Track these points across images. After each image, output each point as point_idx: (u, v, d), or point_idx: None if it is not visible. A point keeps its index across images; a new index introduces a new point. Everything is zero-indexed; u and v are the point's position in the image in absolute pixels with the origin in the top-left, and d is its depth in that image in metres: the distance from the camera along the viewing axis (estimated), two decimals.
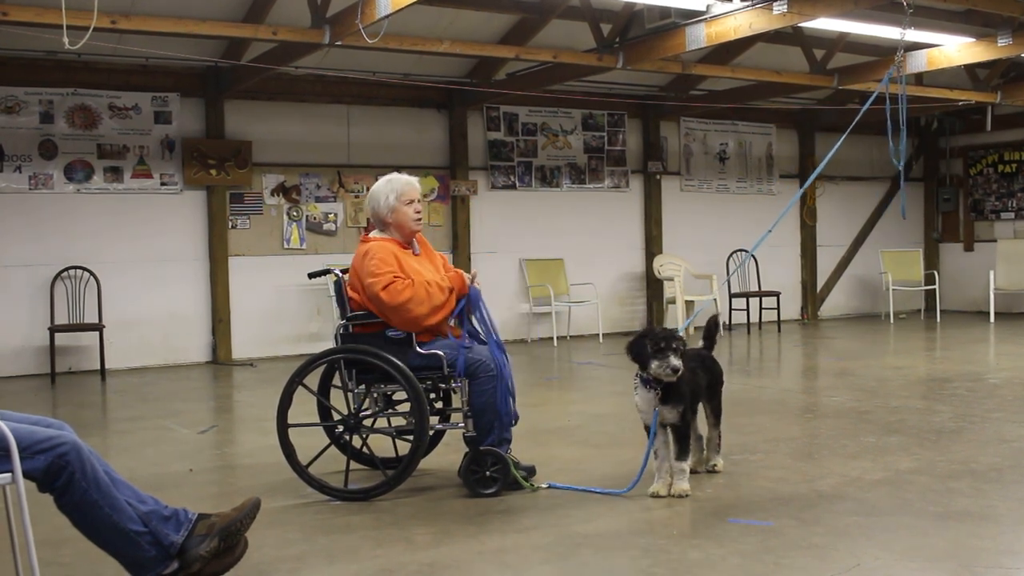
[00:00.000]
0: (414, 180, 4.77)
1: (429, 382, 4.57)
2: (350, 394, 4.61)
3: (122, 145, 9.77)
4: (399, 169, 11.08)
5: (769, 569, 3.41)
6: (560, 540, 3.80)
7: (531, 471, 4.70)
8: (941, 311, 13.76)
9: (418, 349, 4.51)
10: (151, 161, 9.89)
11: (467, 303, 4.65)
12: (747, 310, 12.45)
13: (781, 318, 12.62)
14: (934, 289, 13.71)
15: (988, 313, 13.11)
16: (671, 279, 12.15)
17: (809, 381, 8.73)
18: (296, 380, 4.58)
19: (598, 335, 11.79)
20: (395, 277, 4.48)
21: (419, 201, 4.74)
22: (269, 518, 4.12)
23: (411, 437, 4.55)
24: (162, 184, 9.95)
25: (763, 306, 12.54)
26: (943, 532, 3.81)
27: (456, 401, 4.67)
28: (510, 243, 11.80)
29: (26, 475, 2.89)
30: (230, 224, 10.25)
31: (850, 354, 10.04)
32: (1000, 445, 5.33)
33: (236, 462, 5.49)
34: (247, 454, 5.72)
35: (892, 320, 13.50)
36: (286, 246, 10.53)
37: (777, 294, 12.52)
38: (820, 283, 14.25)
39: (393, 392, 4.72)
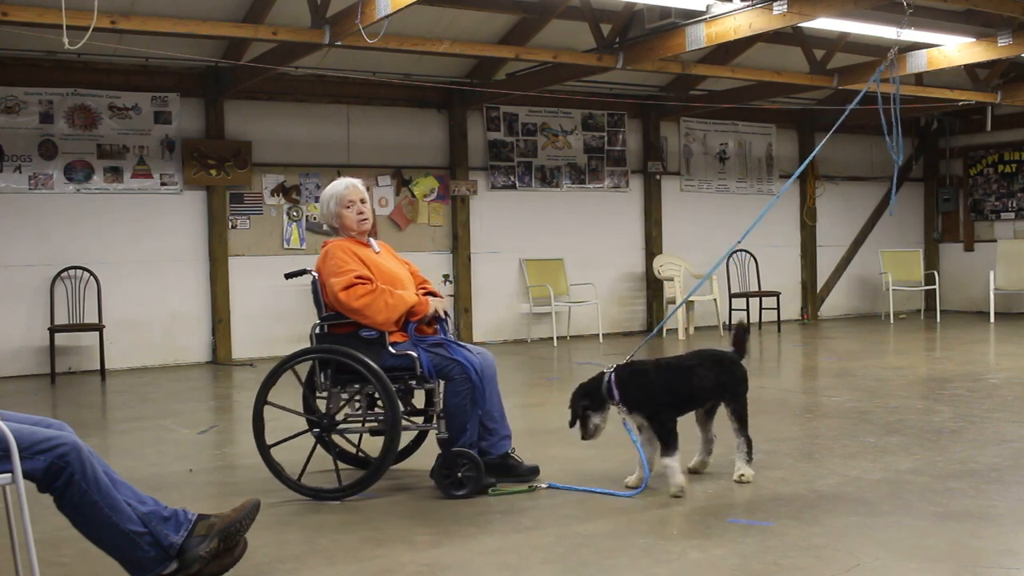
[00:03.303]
0: (355, 183, 4.81)
1: (402, 383, 4.54)
2: (325, 394, 4.62)
3: (122, 145, 9.77)
4: (399, 169, 11.26)
5: (769, 569, 3.41)
6: (560, 540, 3.80)
7: (534, 471, 4.70)
8: (941, 311, 13.76)
9: (390, 349, 4.51)
10: (151, 161, 9.90)
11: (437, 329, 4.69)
12: (747, 310, 12.43)
13: (781, 318, 12.62)
14: (934, 289, 13.71)
15: (988, 313, 13.11)
16: (671, 279, 12.16)
17: (809, 381, 8.73)
18: (262, 398, 4.60)
19: (598, 335, 11.79)
20: (357, 279, 4.50)
21: (363, 202, 4.76)
22: (269, 518, 4.12)
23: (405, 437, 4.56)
24: (162, 184, 9.95)
25: (763, 306, 12.54)
26: (943, 532, 3.81)
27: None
28: (510, 243, 11.80)
29: (26, 475, 2.90)
30: (230, 224, 10.25)
31: (850, 354, 10.04)
32: (1000, 445, 5.33)
33: (236, 462, 5.48)
34: (247, 454, 5.71)
35: (892, 320, 13.50)
36: (286, 246, 10.53)
37: (777, 294, 12.52)
38: (820, 283, 14.25)
39: (374, 391, 4.72)
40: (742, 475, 4.60)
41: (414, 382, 4.56)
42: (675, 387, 4.54)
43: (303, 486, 4.53)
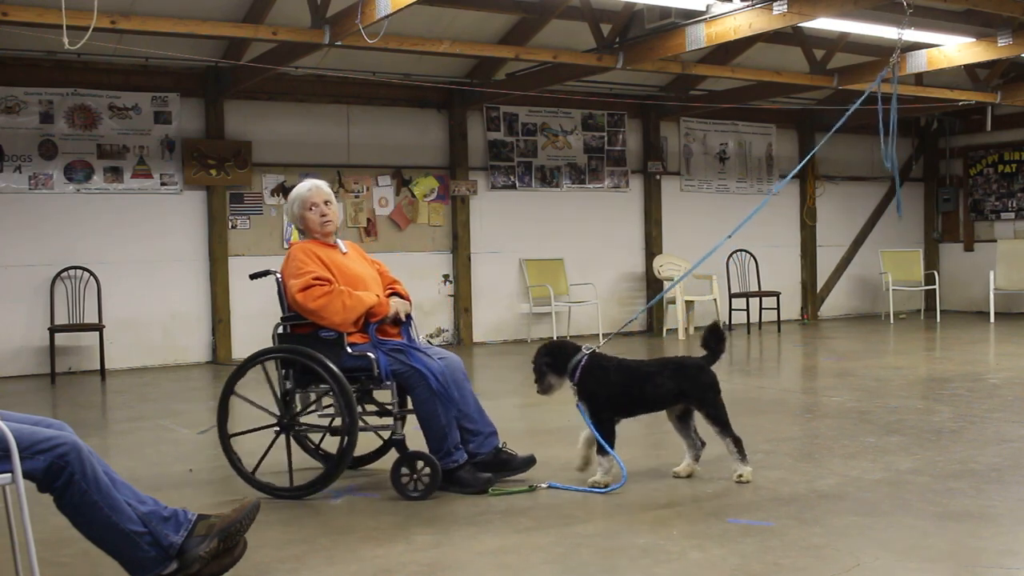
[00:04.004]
0: (319, 184, 4.86)
1: (360, 383, 4.57)
2: (286, 393, 4.66)
3: (122, 145, 9.77)
4: (399, 169, 11.25)
5: (769, 569, 3.41)
6: (560, 540, 3.80)
7: (529, 461, 4.71)
8: (941, 311, 13.76)
9: (348, 350, 4.53)
10: (151, 161, 9.90)
11: (401, 332, 4.71)
12: (747, 310, 12.45)
13: (781, 318, 12.61)
14: (934, 289, 13.71)
15: (988, 313, 13.11)
16: (671, 279, 12.15)
17: (809, 381, 8.73)
18: (225, 435, 4.69)
19: (598, 335, 11.78)
20: (315, 280, 4.53)
21: (327, 203, 4.80)
22: (269, 518, 4.12)
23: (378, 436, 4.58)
24: (162, 184, 9.95)
25: (763, 306, 12.54)
26: (943, 532, 3.81)
27: (409, 403, 4.68)
28: (510, 243, 11.80)
29: (26, 475, 2.90)
30: (230, 224, 10.25)
31: (850, 354, 10.04)
32: (1000, 445, 5.33)
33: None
34: (246, 454, 5.69)
35: (892, 320, 13.49)
36: (286, 246, 10.51)
37: (777, 294, 12.52)
38: (820, 283, 14.25)
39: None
40: (740, 475, 4.59)
41: (371, 384, 4.59)
42: (629, 389, 4.61)
43: (296, 488, 4.54)
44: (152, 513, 3.14)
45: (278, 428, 4.68)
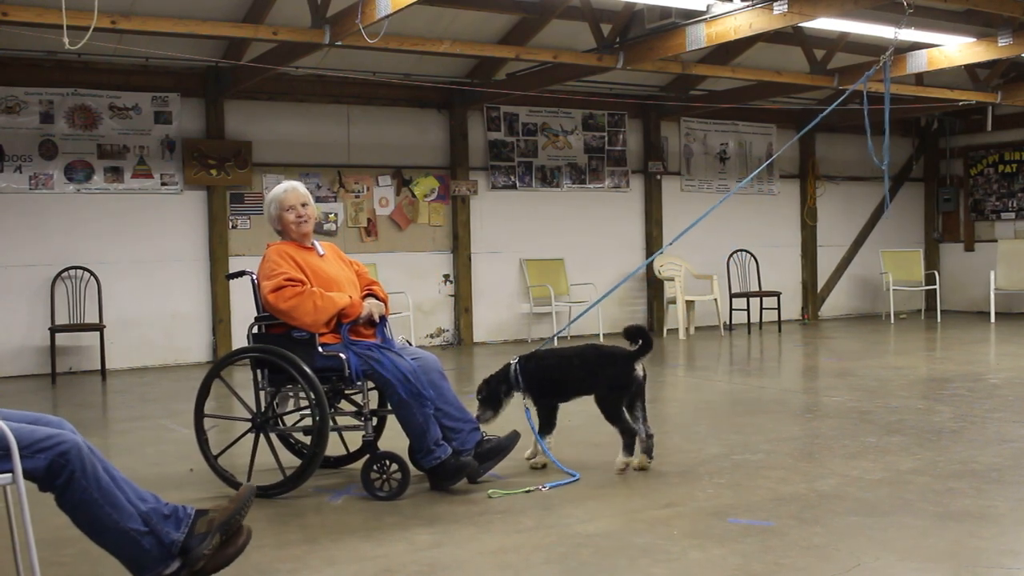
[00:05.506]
0: (295, 186, 4.88)
1: (331, 383, 4.62)
2: (261, 393, 4.70)
3: (122, 145, 9.77)
4: (399, 169, 11.24)
5: (769, 569, 3.41)
6: (560, 540, 3.81)
7: (513, 437, 4.76)
8: (941, 311, 13.76)
9: (320, 351, 4.55)
10: (151, 161, 9.90)
11: (377, 331, 4.74)
12: (747, 310, 12.44)
13: (781, 318, 12.61)
14: (934, 289, 13.71)
15: (988, 313, 13.11)
16: (671, 279, 12.16)
17: (809, 381, 8.73)
18: (209, 455, 4.78)
19: (598, 335, 11.78)
20: (287, 280, 4.55)
21: (304, 205, 4.82)
22: (269, 518, 4.13)
23: (357, 434, 4.66)
24: (162, 184, 9.95)
25: (763, 306, 12.53)
26: (943, 532, 3.81)
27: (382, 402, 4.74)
28: (510, 243, 11.80)
29: (27, 474, 2.89)
30: (230, 224, 10.25)
31: (850, 354, 10.04)
32: (1000, 445, 5.33)
33: (236, 461, 5.46)
34: (247, 453, 5.71)
35: (892, 320, 13.49)
36: None
37: (777, 294, 12.52)
38: (820, 283, 14.25)
39: (343, 390, 4.83)
40: (618, 466, 4.77)
41: (342, 384, 4.63)
42: (551, 375, 4.89)
43: (270, 487, 4.57)
44: (153, 511, 3.14)
45: (253, 428, 4.74)
